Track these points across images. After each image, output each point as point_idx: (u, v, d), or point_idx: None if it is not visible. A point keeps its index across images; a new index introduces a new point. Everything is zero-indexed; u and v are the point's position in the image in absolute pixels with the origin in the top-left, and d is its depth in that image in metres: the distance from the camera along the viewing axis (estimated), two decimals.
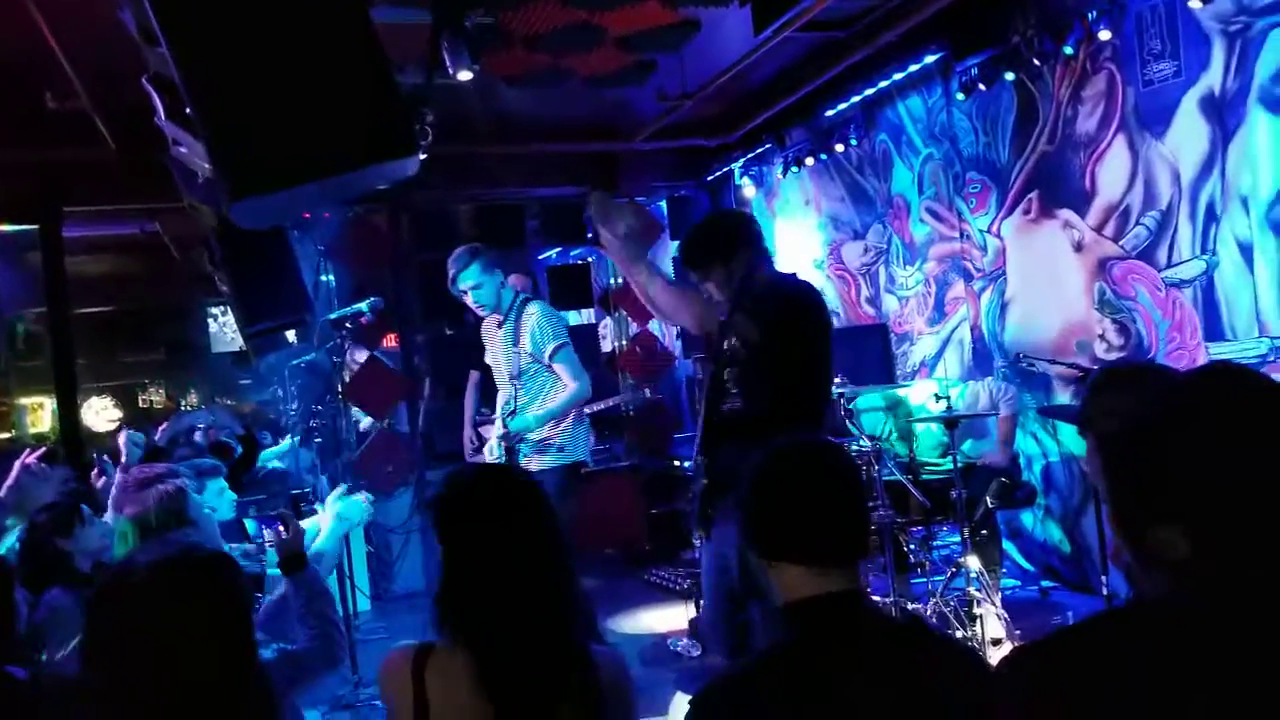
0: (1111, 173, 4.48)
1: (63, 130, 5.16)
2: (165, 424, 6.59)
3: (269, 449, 6.57)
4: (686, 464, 6.20)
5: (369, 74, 1.76)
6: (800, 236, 6.80)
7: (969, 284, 5.37)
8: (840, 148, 5.95)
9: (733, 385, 2.73)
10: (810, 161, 6.20)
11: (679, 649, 4.63)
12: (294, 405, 7.12)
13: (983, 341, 5.31)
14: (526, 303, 4.23)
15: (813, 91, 5.75)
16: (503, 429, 4.11)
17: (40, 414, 11.01)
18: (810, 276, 6.41)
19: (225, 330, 8.92)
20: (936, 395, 4.37)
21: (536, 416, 4.08)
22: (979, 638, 3.72)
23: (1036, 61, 4.59)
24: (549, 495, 1.66)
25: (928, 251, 5.67)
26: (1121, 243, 4.46)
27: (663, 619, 5.24)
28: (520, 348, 4.13)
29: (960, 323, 5.47)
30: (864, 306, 6.27)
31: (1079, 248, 4.67)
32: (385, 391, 6.13)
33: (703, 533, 2.86)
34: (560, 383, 4.13)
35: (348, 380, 5.61)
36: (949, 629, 3.77)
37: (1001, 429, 4.53)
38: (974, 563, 3.88)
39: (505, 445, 4.08)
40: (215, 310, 9.09)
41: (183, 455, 4.59)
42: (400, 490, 6.18)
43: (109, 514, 2.85)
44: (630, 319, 7.11)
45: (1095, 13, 4.26)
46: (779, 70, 5.71)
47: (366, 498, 3.46)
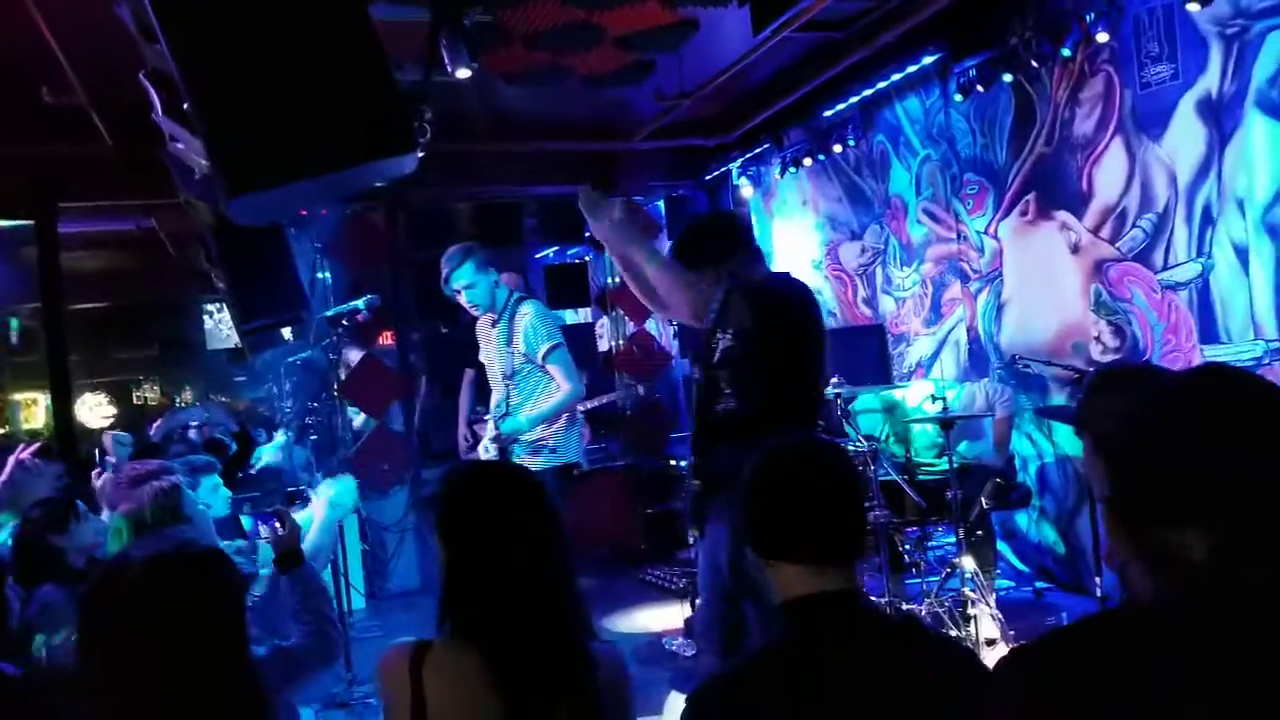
0: (1108, 175, 4.48)
1: (59, 125, 5.14)
2: (160, 420, 6.59)
3: (263, 445, 6.56)
4: (683, 463, 6.20)
5: (367, 70, 1.76)
6: (798, 237, 6.80)
7: (966, 285, 5.38)
8: (838, 148, 5.95)
9: (726, 385, 2.73)
10: (808, 162, 6.20)
11: (674, 648, 4.63)
12: (289, 402, 7.11)
13: (979, 342, 5.31)
14: (521, 302, 4.19)
15: (811, 92, 5.76)
16: (494, 430, 4.09)
17: (34, 410, 11.00)
18: (807, 277, 6.42)
19: (221, 327, 8.91)
20: (933, 396, 4.38)
21: (529, 419, 4.05)
22: (973, 638, 3.73)
23: (1034, 63, 4.59)
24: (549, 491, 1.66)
25: (925, 252, 5.67)
26: (1118, 245, 4.47)
27: (658, 618, 5.24)
28: (514, 347, 4.10)
29: (957, 324, 5.47)
30: (861, 307, 6.28)
31: (1075, 249, 4.68)
32: (381, 389, 6.13)
33: (697, 531, 2.86)
34: (553, 384, 4.09)
35: (343, 378, 5.61)
36: (943, 629, 3.78)
37: (997, 430, 4.54)
38: (969, 563, 3.89)
39: (498, 446, 4.05)
40: (211, 307, 9.08)
41: (177, 452, 4.59)
42: (396, 488, 6.18)
43: (104, 512, 2.85)
44: (627, 318, 7.11)
45: (1093, 15, 4.26)
46: (777, 70, 5.71)
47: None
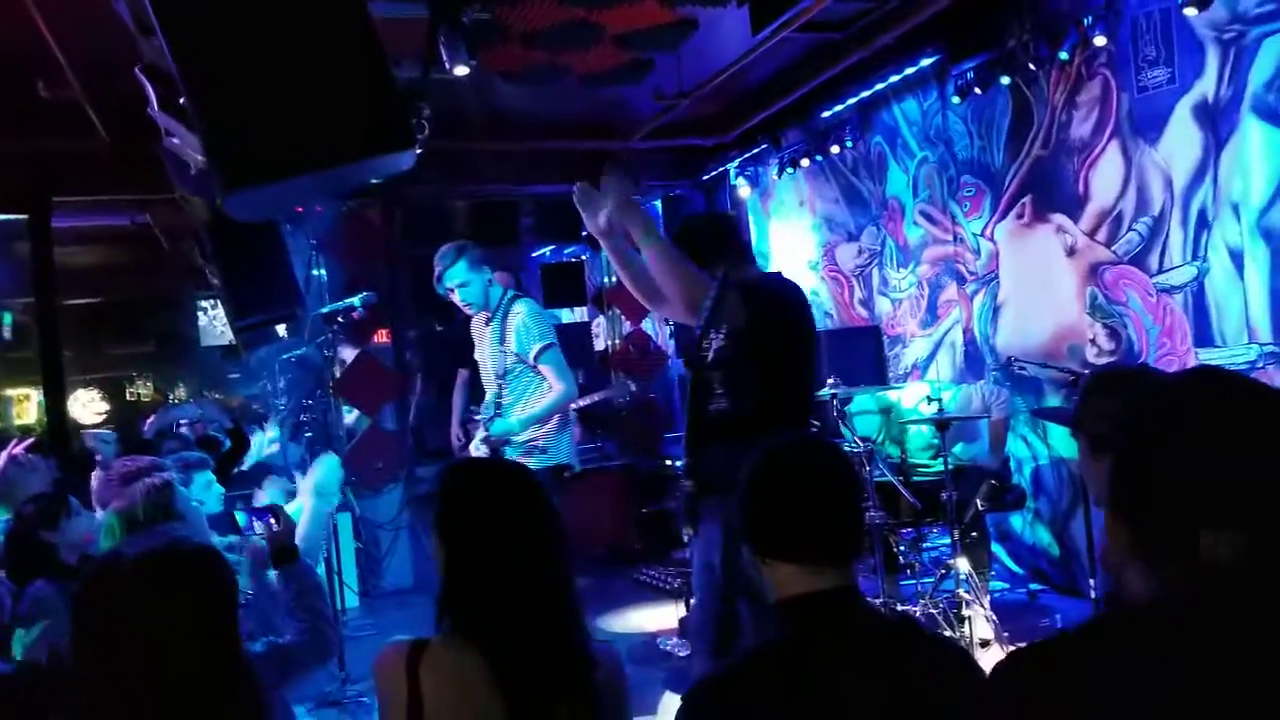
0: (1105, 178, 4.49)
1: (54, 119, 5.12)
2: (153, 417, 6.58)
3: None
4: (678, 463, 6.19)
5: (366, 67, 1.75)
6: (795, 237, 6.80)
7: (962, 287, 5.38)
8: (836, 149, 5.95)
9: (719, 385, 2.73)
10: (805, 163, 6.21)
11: (669, 648, 4.63)
12: (284, 400, 7.09)
13: (975, 344, 5.32)
14: (514, 301, 4.15)
15: (809, 93, 5.76)
16: (484, 432, 4.03)
17: (26, 405, 10.96)
18: (804, 278, 6.43)
19: (215, 323, 8.88)
20: (929, 398, 4.38)
21: (520, 420, 4.00)
22: (967, 640, 3.73)
23: (1032, 66, 4.60)
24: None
25: (921, 254, 5.68)
26: (1114, 248, 4.47)
27: (652, 618, 5.23)
28: (506, 347, 4.05)
29: (953, 325, 5.48)
30: (857, 308, 6.28)
31: (1071, 252, 4.69)
32: (377, 387, 6.11)
33: (691, 530, 2.86)
34: (545, 384, 4.04)
35: (338, 375, 5.59)
36: (938, 631, 3.78)
37: (993, 432, 4.54)
38: (963, 565, 3.90)
39: (489, 447, 4.01)
40: (205, 303, 9.04)
41: (170, 448, 4.58)
42: (389, 486, 6.16)
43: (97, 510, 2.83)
44: (624, 317, 7.11)
45: (1091, 19, 4.27)
46: (776, 71, 5.72)
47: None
